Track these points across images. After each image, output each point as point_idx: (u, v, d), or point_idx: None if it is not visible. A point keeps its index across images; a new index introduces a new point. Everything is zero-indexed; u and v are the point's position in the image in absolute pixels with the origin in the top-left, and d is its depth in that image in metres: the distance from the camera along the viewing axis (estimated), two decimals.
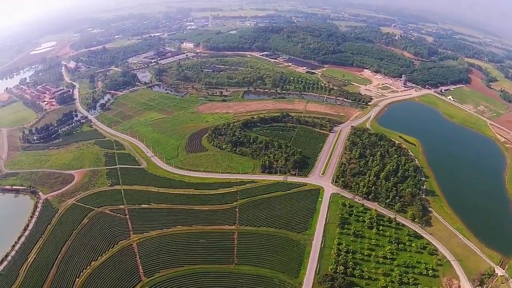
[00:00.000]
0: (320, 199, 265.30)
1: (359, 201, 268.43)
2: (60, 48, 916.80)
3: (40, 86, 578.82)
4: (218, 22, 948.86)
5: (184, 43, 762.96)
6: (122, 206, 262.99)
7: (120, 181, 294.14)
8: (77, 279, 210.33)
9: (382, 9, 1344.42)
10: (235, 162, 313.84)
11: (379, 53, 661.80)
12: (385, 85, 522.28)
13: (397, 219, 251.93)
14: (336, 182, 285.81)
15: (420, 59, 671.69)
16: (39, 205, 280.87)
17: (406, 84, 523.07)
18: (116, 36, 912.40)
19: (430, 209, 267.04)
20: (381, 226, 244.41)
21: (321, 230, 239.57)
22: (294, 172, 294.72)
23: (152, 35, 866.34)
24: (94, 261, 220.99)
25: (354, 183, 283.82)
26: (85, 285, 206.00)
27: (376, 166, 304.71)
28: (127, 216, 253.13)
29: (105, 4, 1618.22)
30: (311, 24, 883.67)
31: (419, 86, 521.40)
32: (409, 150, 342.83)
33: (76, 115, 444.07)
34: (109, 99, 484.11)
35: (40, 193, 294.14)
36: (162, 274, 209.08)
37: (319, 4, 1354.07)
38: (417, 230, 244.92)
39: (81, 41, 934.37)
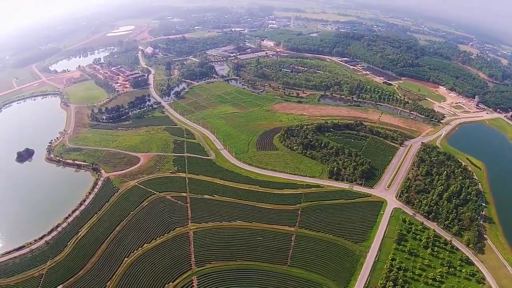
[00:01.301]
0: (382, 212, 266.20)
1: (419, 219, 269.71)
2: (138, 33, 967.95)
3: (114, 68, 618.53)
4: (300, 23, 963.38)
5: (264, 40, 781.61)
6: (184, 194, 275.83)
7: (186, 170, 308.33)
8: (126, 259, 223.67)
9: (461, 26, 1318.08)
10: (304, 164, 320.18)
11: (455, 71, 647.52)
12: (459, 104, 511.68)
13: (452, 242, 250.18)
14: (400, 197, 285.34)
15: (494, 81, 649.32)
16: (100, 182, 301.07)
17: (479, 106, 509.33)
18: (196, 27, 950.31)
19: (485, 236, 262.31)
20: (436, 247, 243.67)
21: (377, 244, 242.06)
22: (361, 182, 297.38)
23: (233, 29, 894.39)
24: (147, 243, 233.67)
25: (417, 200, 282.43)
26: (133, 265, 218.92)
27: (440, 185, 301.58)
28: (188, 205, 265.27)
29: None
30: (391, 35, 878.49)
31: (491, 109, 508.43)
32: (474, 173, 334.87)
33: (149, 100, 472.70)
34: (184, 88, 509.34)
35: (102, 171, 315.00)
36: (213, 266, 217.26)
37: (400, 15, 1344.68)
38: (469, 256, 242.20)
39: (160, 28, 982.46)
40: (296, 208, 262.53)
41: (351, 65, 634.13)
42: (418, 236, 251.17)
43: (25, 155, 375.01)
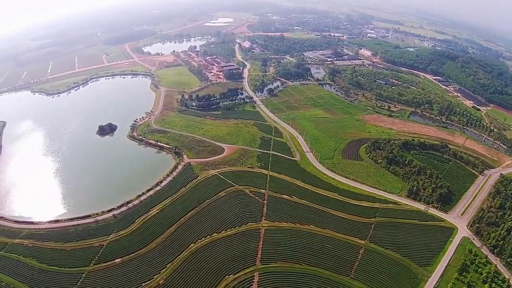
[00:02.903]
0: (451, 239, 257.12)
1: (484, 252, 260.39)
2: (236, 26, 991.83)
3: (209, 57, 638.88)
4: (398, 36, 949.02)
5: (362, 49, 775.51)
6: (263, 191, 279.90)
7: (269, 167, 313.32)
8: (192, 244, 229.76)
9: None
10: (386, 179, 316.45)
11: None
12: None
13: (510, 281, 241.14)
14: (471, 226, 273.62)
15: None
16: (180, 166, 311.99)
17: None
18: (296, 27, 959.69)
19: None
20: (494, 284, 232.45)
21: (440, 270, 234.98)
22: (437, 205, 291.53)
23: (332, 34, 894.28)
24: (216, 233, 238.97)
25: (486, 232, 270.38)
26: (198, 252, 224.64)
27: (511, 221, 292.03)
28: (265, 202, 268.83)
29: None
30: (484, 58, 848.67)
31: None
32: None
33: (241, 93, 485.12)
34: (278, 86, 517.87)
35: (184, 156, 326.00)
36: (277, 265, 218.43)
37: (495, 39, 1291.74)
38: None
39: (259, 24, 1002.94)
40: (370, 221, 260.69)
41: (443, 85, 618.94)
42: (480, 269, 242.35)
43: (107, 130, 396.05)
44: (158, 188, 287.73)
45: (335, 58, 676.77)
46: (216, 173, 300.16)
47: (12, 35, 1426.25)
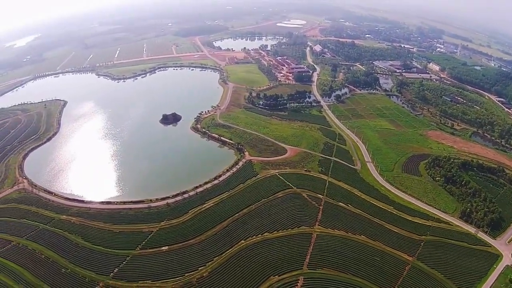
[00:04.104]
0: (495, 266, 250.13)
1: None
2: (308, 29, 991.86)
3: (280, 57, 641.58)
4: (466, 53, 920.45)
5: (431, 63, 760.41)
6: (320, 196, 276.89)
7: (329, 173, 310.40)
8: (242, 241, 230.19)
9: None
10: (441, 198, 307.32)
11: None
12: None
13: None
14: None
15: None
16: (241, 163, 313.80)
17: None
18: (367, 36, 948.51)
19: None
20: None
21: None
22: (486, 230, 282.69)
23: (402, 45, 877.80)
24: (268, 233, 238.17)
25: None
26: (247, 249, 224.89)
27: None
28: (321, 207, 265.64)
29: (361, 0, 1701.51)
30: None
31: None
32: None
33: (309, 97, 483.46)
34: (345, 93, 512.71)
35: (246, 153, 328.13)
36: (324, 272, 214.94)
37: None
38: None
39: (331, 29, 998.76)
40: (420, 239, 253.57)
41: (506, 107, 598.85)
42: None
43: (171, 119, 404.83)
44: (216, 182, 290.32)
45: (404, 70, 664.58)
46: (276, 173, 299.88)
47: (79, 17, 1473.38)
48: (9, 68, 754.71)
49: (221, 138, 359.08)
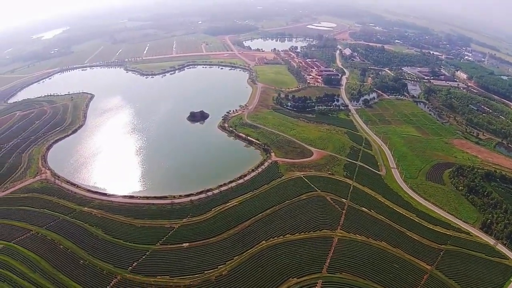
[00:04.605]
0: (511, 280, 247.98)
1: None
2: (338, 32, 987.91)
3: (309, 60, 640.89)
4: (494, 62, 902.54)
5: (458, 71, 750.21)
6: (344, 200, 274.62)
7: (354, 177, 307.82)
8: (264, 241, 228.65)
9: None
10: (463, 207, 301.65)
11: None
12: None
13: None
14: None
15: None
16: (266, 163, 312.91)
17: None
18: (396, 41, 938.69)
19: None
20: None
21: None
22: (505, 242, 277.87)
23: (431, 52, 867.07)
24: (290, 234, 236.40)
25: None
26: (268, 249, 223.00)
27: None
28: (344, 211, 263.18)
29: (389, 4, 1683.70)
30: None
31: None
32: None
33: (337, 100, 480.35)
34: (373, 98, 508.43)
35: (272, 154, 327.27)
36: (342, 277, 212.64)
37: None
38: None
39: (361, 33, 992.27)
40: (440, 248, 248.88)
41: None
42: None
43: (198, 117, 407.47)
44: (240, 181, 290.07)
45: (432, 77, 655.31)
46: (301, 176, 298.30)
47: (108, 12, 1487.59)
48: (36, 60, 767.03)
49: (248, 137, 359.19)
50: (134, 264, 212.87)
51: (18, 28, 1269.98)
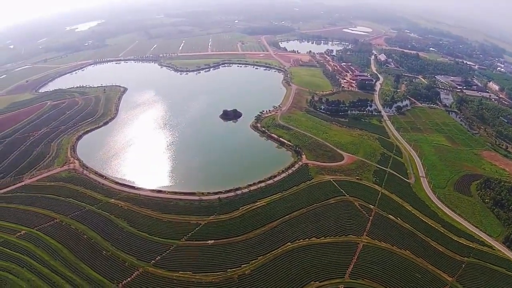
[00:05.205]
0: None
1: None
2: (374, 37, 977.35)
3: (344, 64, 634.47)
4: None
5: (490, 82, 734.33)
6: (372, 206, 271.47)
7: (383, 184, 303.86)
8: (289, 243, 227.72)
9: None
10: (488, 220, 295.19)
11: None
12: None
13: None
14: None
15: None
16: (297, 165, 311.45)
17: None
18: (431, 49, 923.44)
19: None
20: None
21: None
22: None
23: (465, 61, 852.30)
24: (315, 238, 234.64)
25: None
26: (293, 251, 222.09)
27: None
28: (371, 218, 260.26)
29: (425, 11, 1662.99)
30: None
31: None
32: None
33: (371, 106, 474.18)
34: (406, 105, 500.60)
35: (303, 156, 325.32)
36: (364, 283, 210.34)
37: None
38: None
39: (397, 39, 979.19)
40: (462, 260, 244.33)
41: None
42: None
43: (231, 115, 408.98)
44: (270, 181, 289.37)
45: (464, 87, 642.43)
46: (331, 179, 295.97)
47: (143, 7, 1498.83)
48: (69, 51, 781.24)
49: (280, 139, 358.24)
50: (157, 258, 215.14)
51: (52, 19, 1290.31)
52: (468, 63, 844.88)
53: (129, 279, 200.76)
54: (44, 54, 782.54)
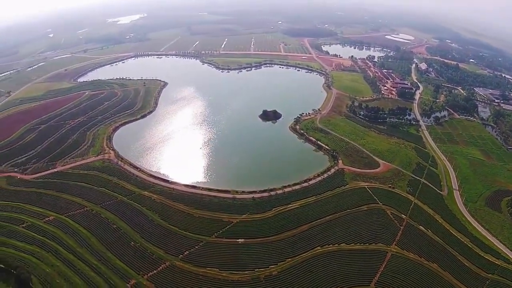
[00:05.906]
0: None
1: None
2: (415, 46, 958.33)
3: (385, 70, 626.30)
4: None
5: None
6: (404, 216, 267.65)
7: (416, 195, 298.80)
8: (318, 247, 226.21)
9: None
10: None
11: None
12: None
13: None
14: None
15: None
16: (333, 170, 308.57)
17: None
18: (471, 60, 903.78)
19: None
20: None
21: None
22: None
23: (503, 75, 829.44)
24: (345, 244, 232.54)
25: None
26: (321, 256, 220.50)
27: None
28: (402, 228, 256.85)
29: (467, 22, 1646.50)
30: None
31: None
32: None
33: (409, 114, 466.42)
34: (444, 116, 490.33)
35: (340, 161, 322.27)
36: None
37: None
38: None
39: (438, 48, 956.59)
40: (487, 277, 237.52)
41: None
42: None
43: (270, 116, 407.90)
44: (305, 184, 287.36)
45: (502, 101, 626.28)
46: (365, 186, 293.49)
47: (187, 3, 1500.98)
48: (110, 43, 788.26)
49: (318, 142, 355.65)
50: (185, 253, 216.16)
51: (92, 9, 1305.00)
52: (507, 76, 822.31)
53: (155, 271, 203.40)
54: (84, 45, 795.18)
